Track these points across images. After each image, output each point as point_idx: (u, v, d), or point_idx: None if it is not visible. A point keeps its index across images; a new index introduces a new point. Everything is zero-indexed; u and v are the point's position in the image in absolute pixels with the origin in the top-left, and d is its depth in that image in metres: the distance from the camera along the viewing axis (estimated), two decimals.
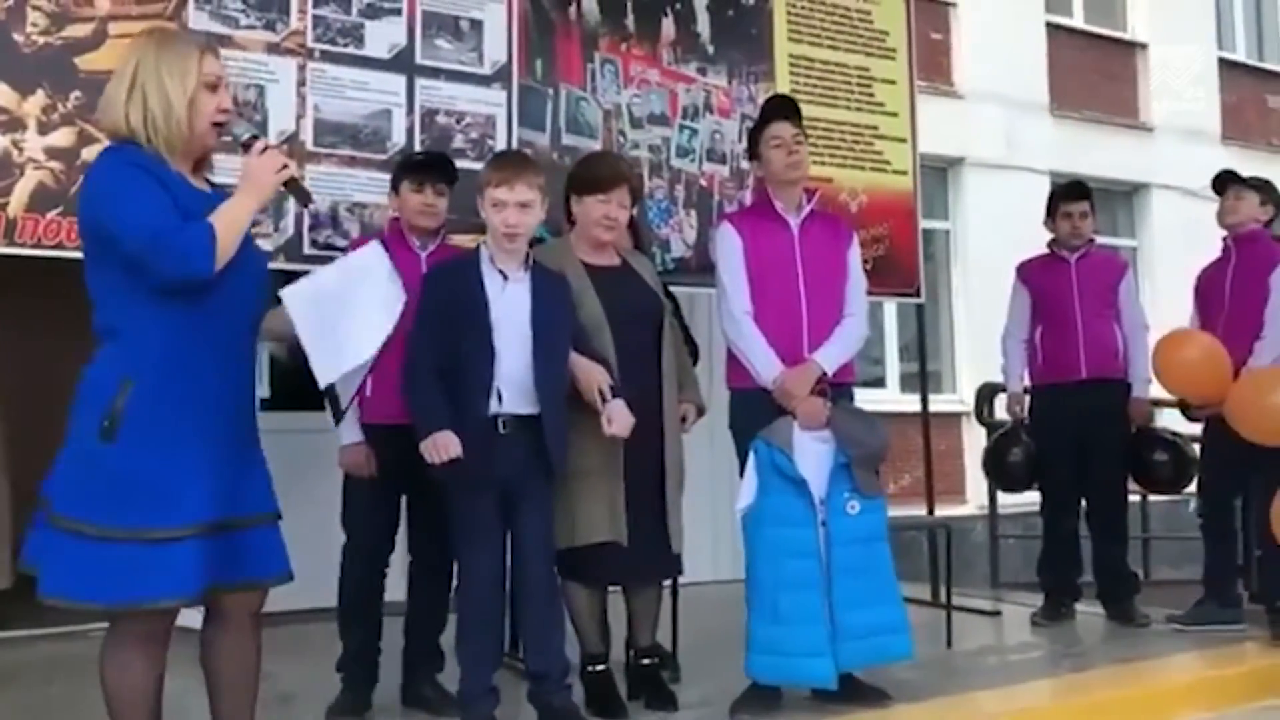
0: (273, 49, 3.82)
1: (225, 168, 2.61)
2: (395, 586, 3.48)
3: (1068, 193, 4.93)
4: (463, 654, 3.11)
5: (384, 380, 3.15)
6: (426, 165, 3.50)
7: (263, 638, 2.52)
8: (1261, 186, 4.65)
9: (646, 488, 3.34)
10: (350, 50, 3.96)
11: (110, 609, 2.29)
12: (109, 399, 2.25)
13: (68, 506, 2.25)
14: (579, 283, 3.33)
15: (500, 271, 3.13)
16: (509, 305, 3.09)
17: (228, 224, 2.31)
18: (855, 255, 3.72)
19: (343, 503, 3.43)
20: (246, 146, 2.44)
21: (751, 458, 3.38)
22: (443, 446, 2.95)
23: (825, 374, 3.49)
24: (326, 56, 3.91)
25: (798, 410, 3.41)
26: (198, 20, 3.72)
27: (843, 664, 3.31)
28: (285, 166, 2.42)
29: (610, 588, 3.53)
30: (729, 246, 3.60)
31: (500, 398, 3.04)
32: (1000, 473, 5.00)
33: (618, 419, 3.13)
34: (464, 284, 3.09)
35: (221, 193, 2.48)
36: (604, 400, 3.14)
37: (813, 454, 3.36)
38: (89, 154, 3.52)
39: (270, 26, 3.83)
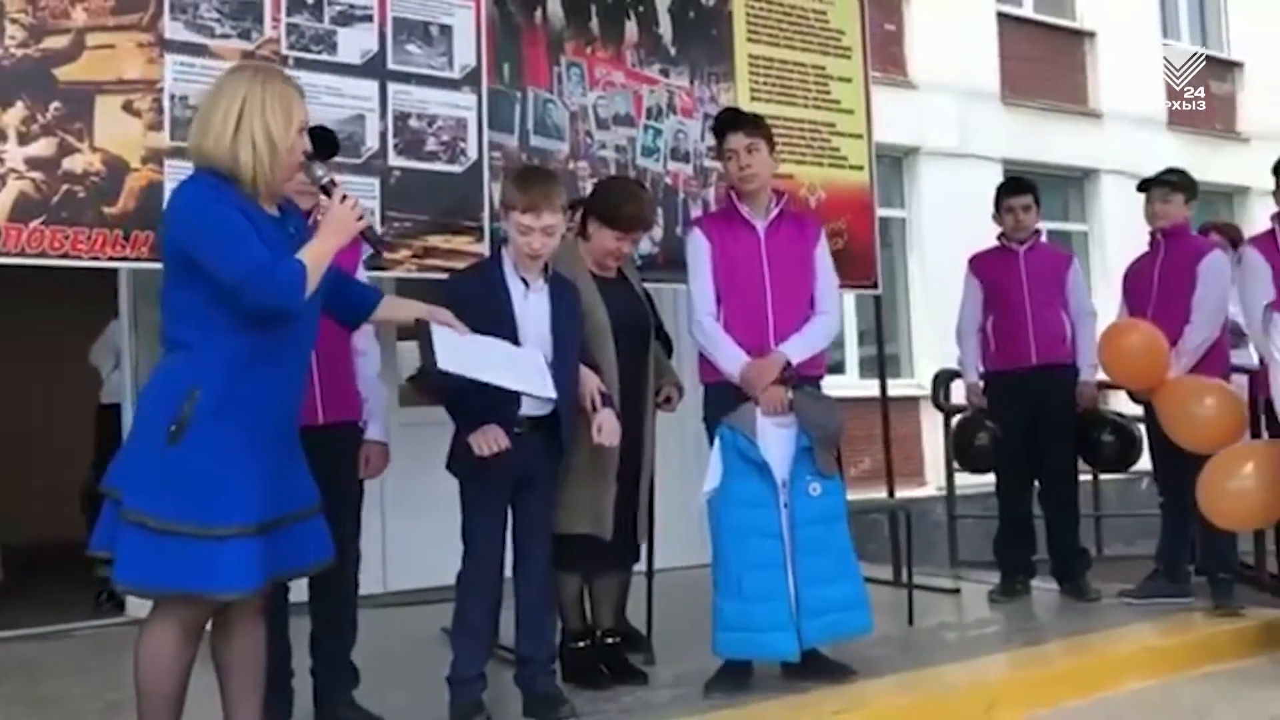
0: (248, 57, 3.88)
1: None
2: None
3: (1010, 188, 5.12)
4: (460, 639, 3.25)
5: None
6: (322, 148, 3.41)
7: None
8: (1184, 185, 4.84)
9: (623, 483, 3.52)
10: (323, 57, 4.05)
11: (176, 594, 2.47)
12: (178, 405, 2.44)
13: (135, 500, 2.44)
14: (589, 293, 3.52)
15: (522, 279, 3.29)
16: (531, 312, 3.26)
17: (314, 262, 2.53)
18: (824, 254, 3.83)
19: None
20: (326, 190, 2.66)
21: (716, 442, 3.54)
22: (495, 438, 3.10)
23: (790, 363, 3.64)
24: (300, 64, 3.99)
25: (760, 397, 3.56)
26: (174, 30, 3.80)
27: (806, 639, 3.48)
28: (363, 216, 2.64)
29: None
30: (697, 251, 3.75)
31: (521, 400, 3.18)
32: (967, 456, 5.18)
33: (607, 429, 3.31)
34: (490, 290, 3.25)
35: (290, 209, 2.69)
36: (594, 408, 3.31)
37: (775, 438, 3.52)
38: (70, 164, 3.62)
39: (245, 35, 3.92)
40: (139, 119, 3.73)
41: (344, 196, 2.62)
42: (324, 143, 3.37)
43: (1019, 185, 5.12)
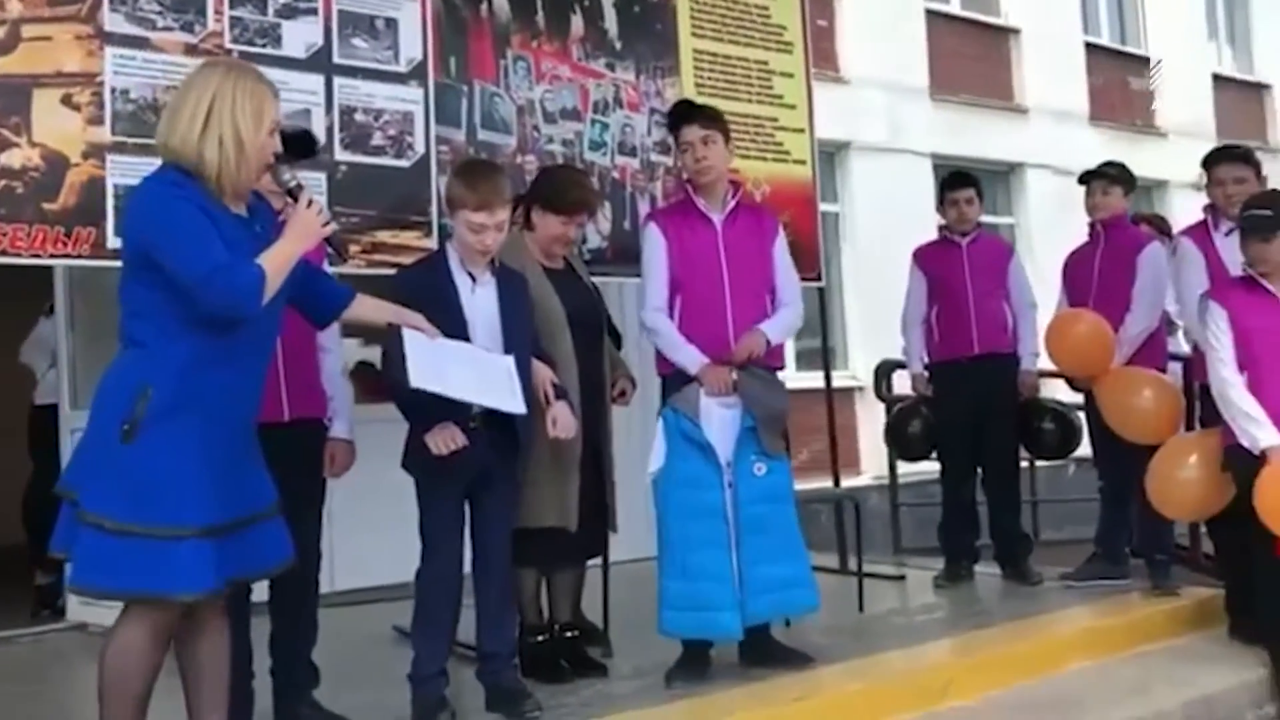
0: (191, 50, 3.82)
1: None
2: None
3: (952, 182, 5.21)
4: (420, 637, 3.24)
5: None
6: (298, 148, 3.30)
7: None
8: (1122, 178, 4.97)
9: (586, 474, 3.54)
10: (268, 50, 3.99)
11: (132, 596, 2.45)
12: (130, 403, 2.40)
13: (90, 501, 2.42)
14: (539, 284, 3.50)
15: (469, 274, 3.26)
16: (479, 306, 3.24)
17: (275, 267, 2.49)
18: (782, 248, 3.85)
19: None
20: (293, 194, 2.63)
21: (660, 424, 3.55)
22: (451, 436, 3.09)
23: (768, 341, 3.65)
24: (244, 57, 3.90)
25: (704, 377, 3.58)
26: (113, 22, 3.71)
27: (751, 617, 3.50)
28: (329, 222, 2.63)
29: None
30: (651, 245, 3.75)
31: None
32: (902, 443, 5.27)
33: (561, 422, 3.31)
34: (436, 284, 3.22)
35: (260, 208, 2.65)
36: (548, 401, 3.30)
37: (719, 419, 3.53)
38: (7, 159, 3.52)
39: (188, 28, 3.84)
40: (79, 113, 3.64)
41: (310, 201, 2.60)
42: (302, 144, 3.35)
43: (962, 179, 5.22)
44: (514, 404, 3.10)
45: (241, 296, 2.43)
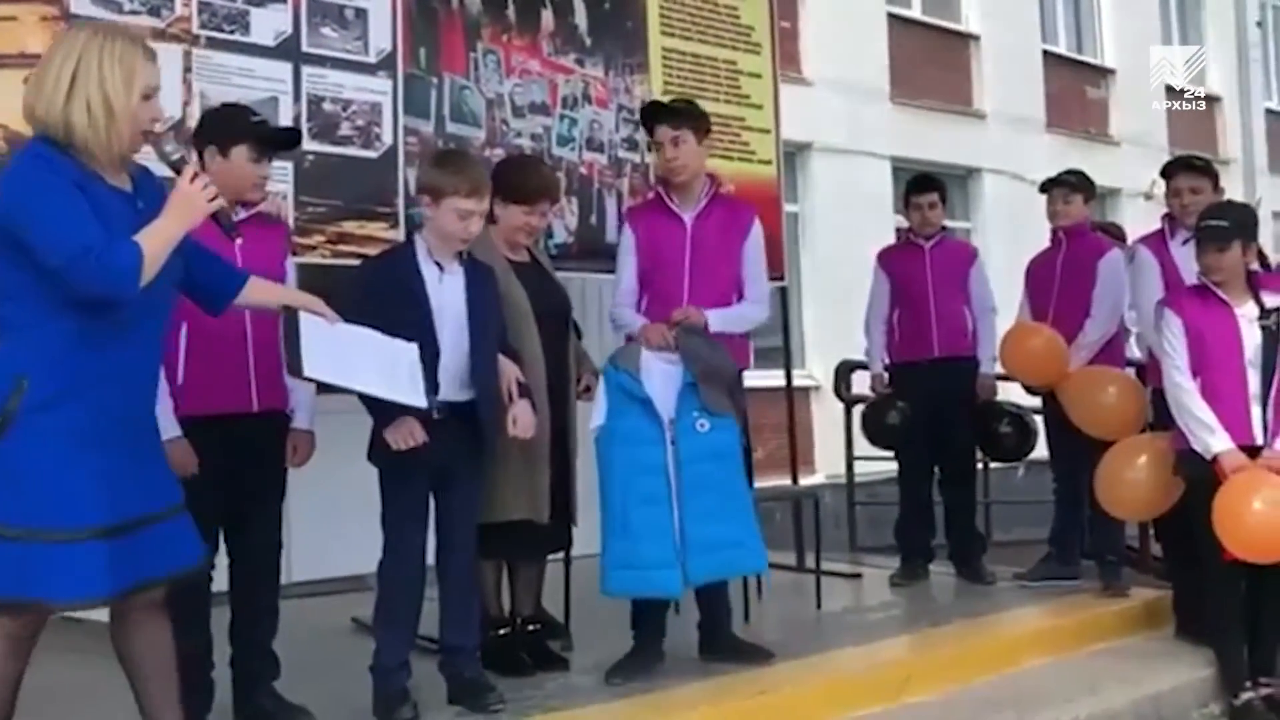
0: (158, 35, 3.74)
1: None
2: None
3: (917, 185, 5.26)
4: (383, 629, 3.23)
5: (204, 366, 3.05)
6: (277, 141, 3.33)
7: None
8: (1083, 185, 5.06)
9: (551, 468, 3.55)
10: (236, 37, 3.94)
11: (5, 602, 2.28)
12: (2, 395, 2.24)
13: None
14: (505, 279, 3.50)
15: (437, 264, 3.25)
16: (446, 296, 3.23)
17: (155, 247, 2.31)
18: (754, 245, 3.85)
19: None
20: (176, 168, 2.45)
21: (601, 381, 3.53)
22: (410, 432, 3.07)
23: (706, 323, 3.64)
24: (212, 43, 3.88)
25: (643, 333, 3.60)
26: (79, 5, 3.63)
27: (691, 576, 3.47)
28: (215, 197, 2.44)
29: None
30: (623, 242, 3.79)
31: (437, 386, 3.15)
32: (879, 434, 5.25)
33: (522, 421, 3.31)
34: (402, 276, 3.21)
35: (145, 181, 2.50)
36: (511, 399, 3.30)
37: (660, 375, 3.52)
38: None
39: (155, 13, 3.79)
40: None
41: (194, 175, 2.42)
42: (286, 139, 3.38)
43: (926, 182, 5.27)
44: (415, 397, 2.98)
45: (116, 277, 2.24)
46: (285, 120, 4.02)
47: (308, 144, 4.07)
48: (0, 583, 2.23)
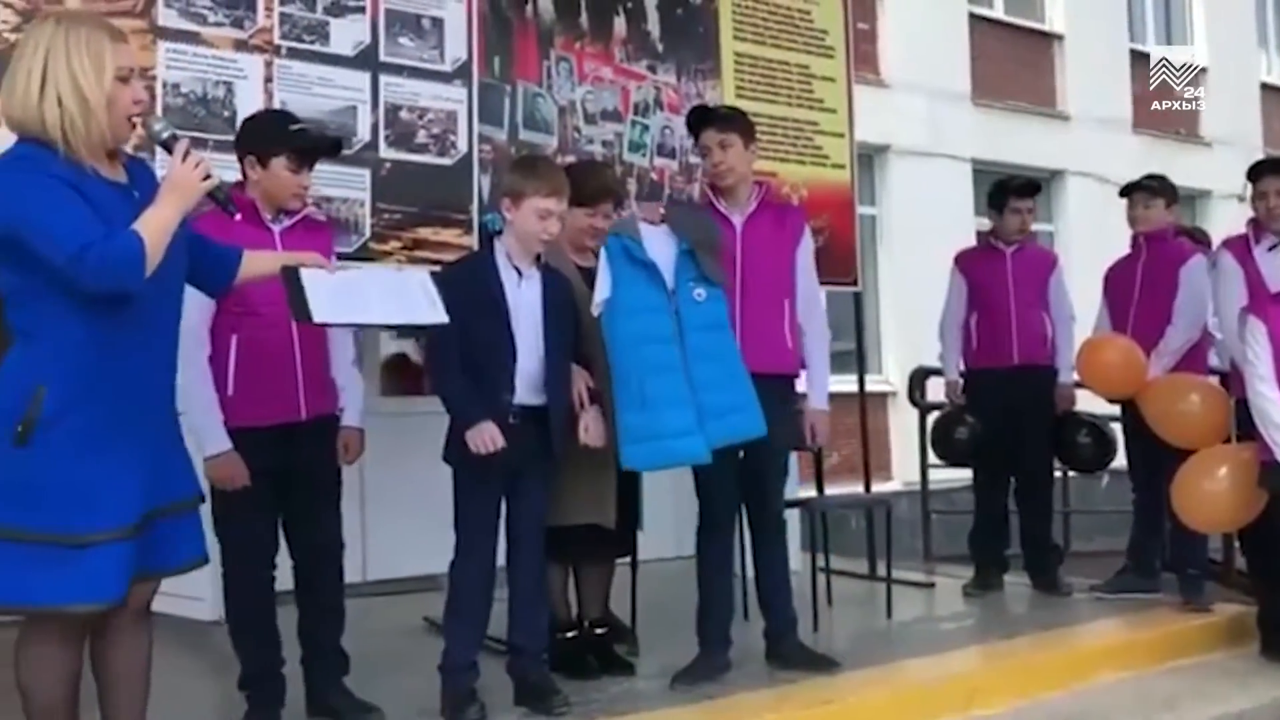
0: (241, 46, 3.89)
1: None
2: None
3: (1020, 190, 5.14)
4: (452, 628, 3.29)
5: (253, 377, 3.07)
6: (316, 150, 3.29)
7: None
8: (1164, 190, 4.93)
9: (618, 473, 3.54)
10: (316, 47, 4.04)
11: (30, 611, 2.30)
12: (22, 404, 2.22)
13: None
14: (577, 287, 3.53)
15: (516, 269, 3.30)
16: (524, 301, 3.28)
17: (154, 233, 2.25)
18: (805, 251, 3.81)
19: (215, 514, 3.04)
20: (167, 146, 2.39)
21: (603, 253, 3.46)
22: (491, 438, 3.12)
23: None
24: (293, 53, 3.98)
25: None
26: (167, 18, 3.77)
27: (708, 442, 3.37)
28: (210, 175, 2.37)
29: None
30: None
31: (514, 389, 3.21)
32: (947, 449, 5.22)
33: (593, 429, 3.35)
34: (482, 281, 3.27)
35: (140, 173, 2.47)
36: (582, 406, 3.35)
37: (658, 243, 3.47)
38: None
39: (238, 24, 3.90)
40: None
41: (187, 153, 2.34)
42: (325, 148, 3.36)
43: (1030, 188, 5.17)
44: (435, 314, 2.86)
45: (120, 269, 2.19)
46: (363, 128, 4.12)
47: (385, 151, 4.18)
48: (25, 590, 2.23)
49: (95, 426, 2.25)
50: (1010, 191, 5.15)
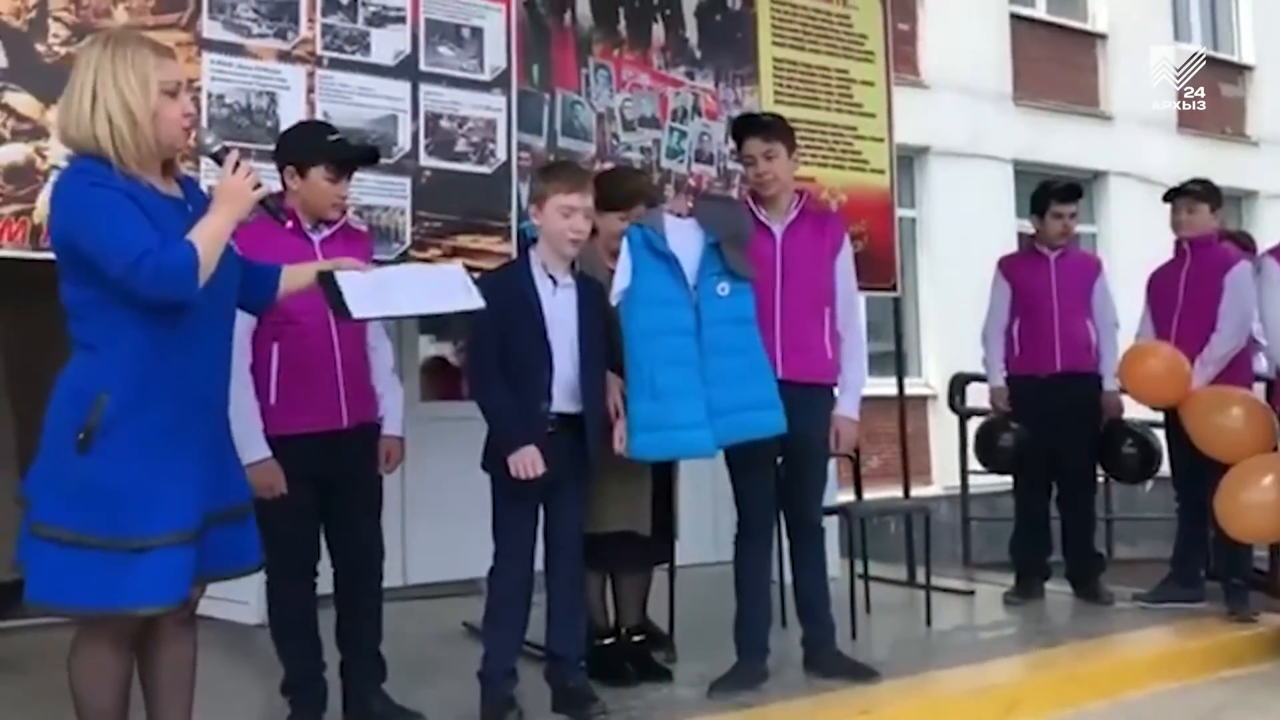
0: (284, 57, 3.93)
1: None
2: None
3: (1063, 194, 5.09)
4: (491, 636, 3.31)
5: (294, 386, 3.10)
6: (353, 160, 3.32)
7: None
8: (1209, 195, 4.87)
9: (654, 481, 3.61)
10: (357, 58, 4.08)
11: (91, 614, 2.35)
12: (84, 411, 2.29)
13: (44, 512, 2.31)
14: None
15: (551, 277, 3.32)
16: (559, 309, 3.30)
17: (208, 242, 2.34)
18: (845, 262, 3.79)
19: (258, 521, 2.89)
20: (217, 158, 2.48)
21: (625, 243, 3.44)
22: (533, 462, 3.15)
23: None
24: (335, 64, 4.02)
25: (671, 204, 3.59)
26: (212, 30, 3.82)
27: (716, 438, 3.37)
28: (260, 184, 2.45)
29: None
30: None
31: (552, 398, 3.23)
32: (990, 456, 5.16)
33: (627, 440, 3.34)
34: (518, 289, 3.29)
35: (193, 189, 2.55)
36: (617, 415, 3.36)
37: (683, 236, 3.45)
38: None
39: (281, 35, 3.95)
40: None
41: (237, 164, 2.43)
42: (362, 158, 3.38)
43: (1073, 192, 5.12)
44: (471, 300, 2.92)
45: (175, 278, 2.28)
46: (404, 137, 4.16)
47: (425, 160, 4.21)
48: (85, 593, 2.29)
49: (155, 432, 2.32)
50: (1052, 196, 5.09)
